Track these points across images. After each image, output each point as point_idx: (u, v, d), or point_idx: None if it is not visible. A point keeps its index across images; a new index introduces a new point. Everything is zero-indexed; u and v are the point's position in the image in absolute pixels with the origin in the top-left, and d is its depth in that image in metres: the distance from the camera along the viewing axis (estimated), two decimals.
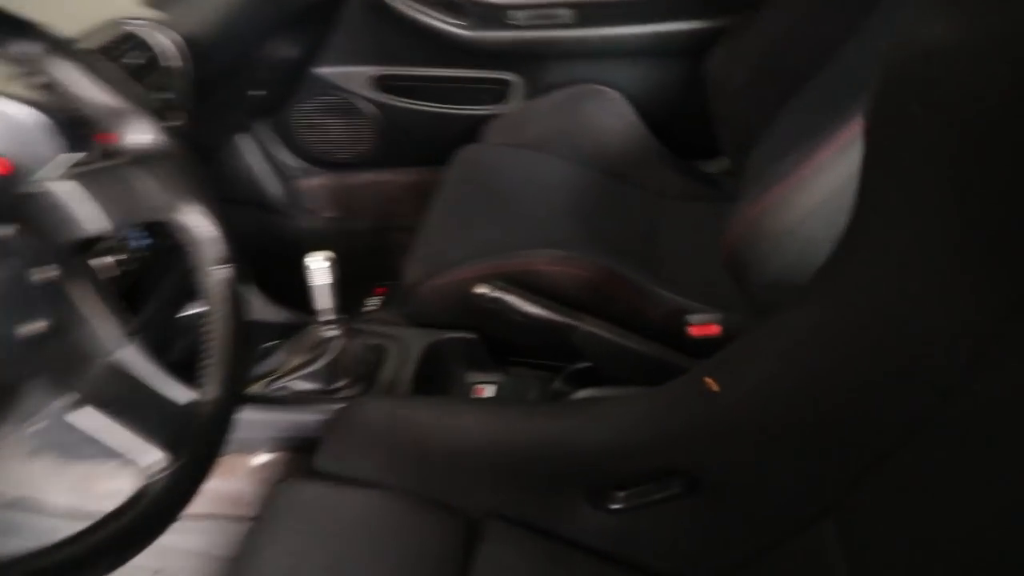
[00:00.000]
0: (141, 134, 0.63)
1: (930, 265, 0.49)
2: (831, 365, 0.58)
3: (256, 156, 1.55)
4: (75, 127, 0.71)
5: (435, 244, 1.08)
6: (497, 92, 1.48)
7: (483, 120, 1.45)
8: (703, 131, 1.30)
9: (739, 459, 0.66)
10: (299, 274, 0.91)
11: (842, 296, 0.58)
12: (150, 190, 0.61)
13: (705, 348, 0.90)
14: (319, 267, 0.87)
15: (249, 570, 0.69)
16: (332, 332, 0.92)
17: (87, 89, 0.62)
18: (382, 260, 1.46)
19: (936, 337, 0.49)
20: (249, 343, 0.69)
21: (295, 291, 0.98)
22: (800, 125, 1.04)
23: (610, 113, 1.36)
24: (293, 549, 0.70)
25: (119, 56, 0.81)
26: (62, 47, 0.61)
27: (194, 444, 0.56)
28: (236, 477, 0.98)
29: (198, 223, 0.64)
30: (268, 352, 1.02)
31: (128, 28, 0.85)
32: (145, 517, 0.51)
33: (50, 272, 0.57)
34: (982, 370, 0.45)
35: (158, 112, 0.68)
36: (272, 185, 1.57)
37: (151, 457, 0.60)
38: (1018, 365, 0.43)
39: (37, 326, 0.55)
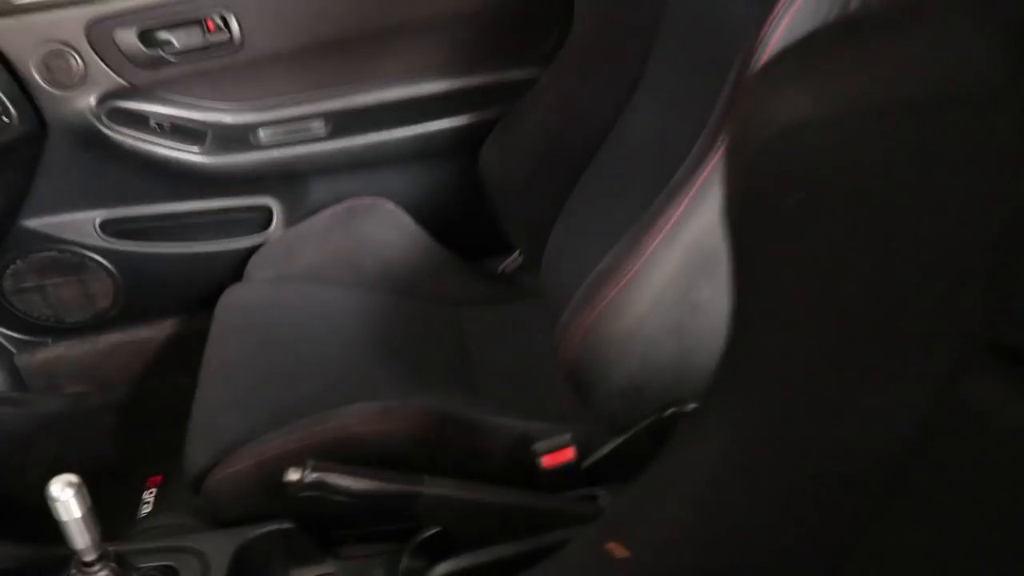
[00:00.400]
0: None
1: (841, 360, 0.43)
2: (751, 496, 0.50)
3: None
4: None
5: (217, 417, 0.89)
6: (256, 220, 1.31)
7: (246, 254, 1.27)
8: (488, 229, 1.23)
9: None
10: (40, 487, 0.69)
11: (747, 413, 0.51)
12: None
13: (562, 477, 0.80)
14: (65, 497, 0.66)
15: None
16: (99, 572, 0.71)
17: None
18: (151, 438, 1.21)
19: (862, 439, 0.43)
20: None
21: (38, 510, 0.75)
22: (604, 214, 0.99)
23: (388, 226, 1.24)
24: None
25: None
26: None
27: None
28: None
29: None
30: None
31: None
32: None
33: None
34: (917, 467, 0.40)
35: None
36: None
37: None
38: (952, 459, 0.39)
39: None
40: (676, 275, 0.72)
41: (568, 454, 0.80)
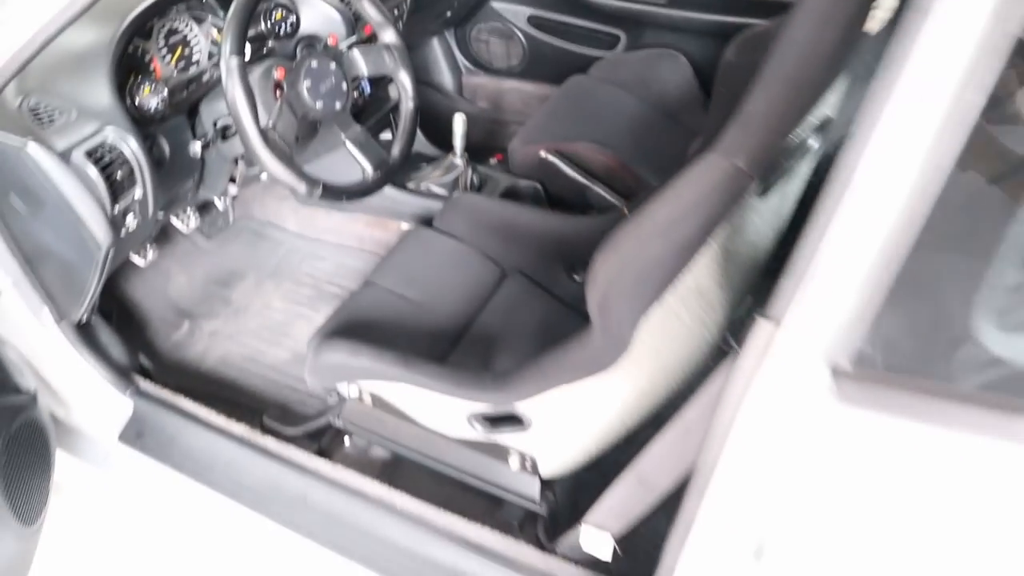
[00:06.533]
0: (386, 33, 1.34)
1: None
2: None
3: (440, 53, 2.23)
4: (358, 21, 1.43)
5: (533, 129, 1.71)
6: (606, 41, 2.04)
7: (592, 60, 2.00)
8: None
9: None
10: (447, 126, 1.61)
11: None
12: (386, 60, 1.32)
13: None
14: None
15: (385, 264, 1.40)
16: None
17: (367, 8, 1.34)
18: (498, 139, 2.16)
19: None
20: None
21: (443, 135, 1.68)
22: None
23: (675, 72, 1.89)
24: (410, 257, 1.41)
25: None
26: None
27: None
28: (388, 231, 1.73)
29: (405, 83, 1.35)
30: (417, 167, 1.73)
31: None
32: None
33: None
34: None
35: (393, 21, 1.38)
36: (446, 76, 2.26)
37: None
38: None
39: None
40: None
41: None
